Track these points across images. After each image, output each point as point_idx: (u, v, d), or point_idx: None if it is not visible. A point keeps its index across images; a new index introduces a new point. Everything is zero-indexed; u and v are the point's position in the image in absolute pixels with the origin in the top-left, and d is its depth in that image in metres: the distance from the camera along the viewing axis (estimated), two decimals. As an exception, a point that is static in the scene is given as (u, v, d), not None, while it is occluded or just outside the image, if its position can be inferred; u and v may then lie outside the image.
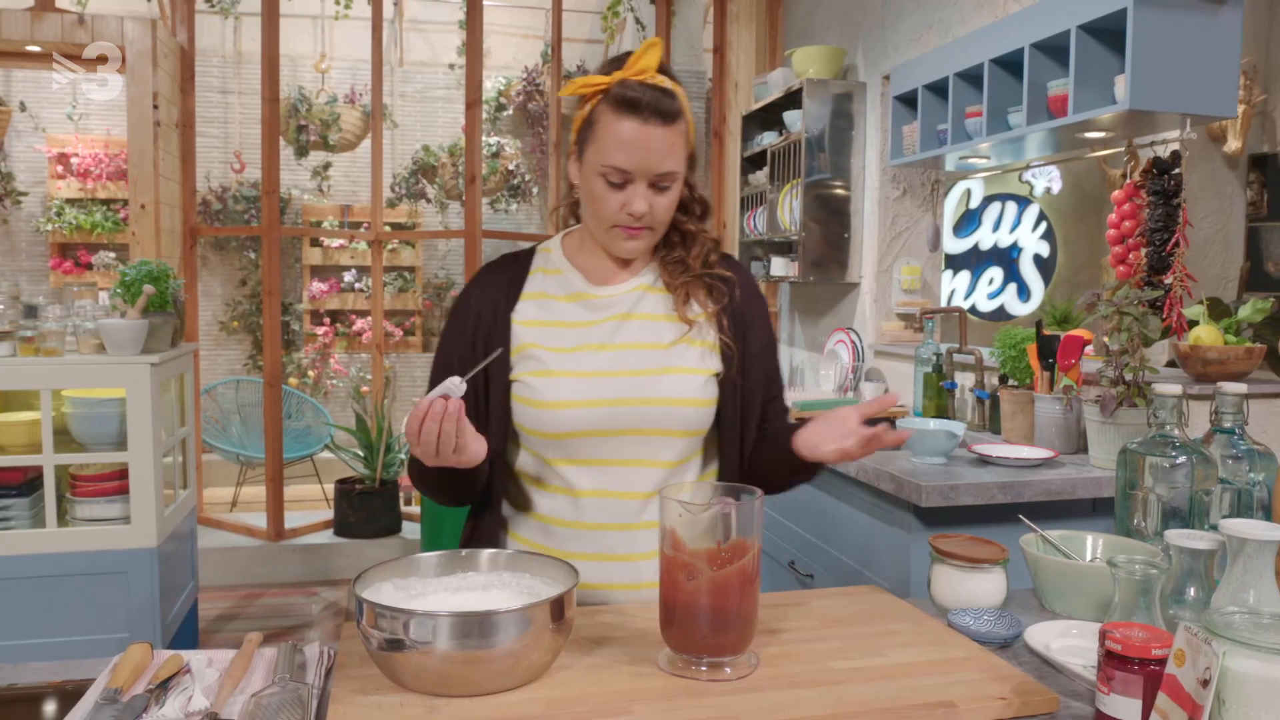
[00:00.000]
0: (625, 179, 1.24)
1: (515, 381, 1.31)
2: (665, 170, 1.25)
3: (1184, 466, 1.35)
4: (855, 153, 3.71)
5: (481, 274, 1.41)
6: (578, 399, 1.27)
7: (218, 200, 6.68)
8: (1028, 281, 4.83)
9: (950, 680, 1.01)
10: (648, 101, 1.22)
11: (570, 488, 1.30)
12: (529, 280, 1.37)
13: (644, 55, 1.25)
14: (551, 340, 1.31)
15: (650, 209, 1.26)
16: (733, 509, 1.03)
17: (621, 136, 1.23)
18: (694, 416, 1.30)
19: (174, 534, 2.99)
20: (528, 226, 7.27)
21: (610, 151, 1.24)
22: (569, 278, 1.36)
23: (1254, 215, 4.64)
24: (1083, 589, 1.24)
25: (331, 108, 6.48)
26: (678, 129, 1.25)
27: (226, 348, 6.83)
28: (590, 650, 1.08)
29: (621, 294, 1.34)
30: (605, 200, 1.27)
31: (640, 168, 1.24)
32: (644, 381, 1.28)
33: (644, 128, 1.22)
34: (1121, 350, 2.14)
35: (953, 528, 2.13)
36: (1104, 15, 2.29)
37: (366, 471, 4.48)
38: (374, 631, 0.97)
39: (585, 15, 6.83)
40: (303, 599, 4.00)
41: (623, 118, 1.23)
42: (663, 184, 1.26)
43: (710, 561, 1.01)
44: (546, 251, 1.41)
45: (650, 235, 1.31)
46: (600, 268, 1.36)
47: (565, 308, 1.34)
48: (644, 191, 1.26)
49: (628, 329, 1.32)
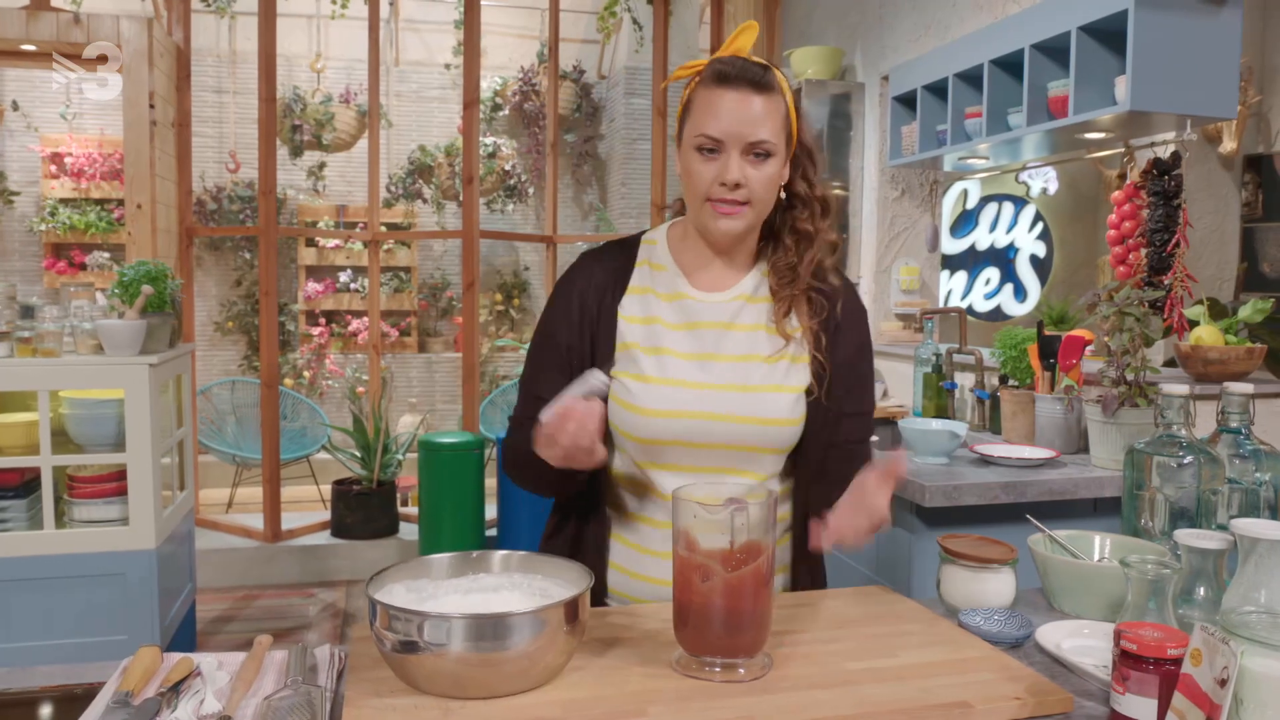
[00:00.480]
0: (718, 145, 1.23)
1: (614, 380, 1.29)
2: (759, 138, 1.22)
3: (1191, 466, 1.35)
4: (854, 153, 3.72)
5: (587, 260, 1.38)
6: (670, 409, 1.25)
7: (213, 200, 6.66)
8: (1024, 282, 4.84)
9: (964, 680, 1.01)
10: (737, 71, 1.22)
11: (660, 491, 1.29)
12: (635, 273, 1.35)
13: (738, 37, 1.26)
14: (651, 341, 1.29)
15: (746, 180, 1.22)
16: (745, 509, 1.03)
17: (714, 105, 1.23)
18: (784, 435, 1.28)
19: (172, 535, 2.98)
20: (523, 227, 7.27)
21: (703, 121, 1.23)
22: (673, 276, 1.33)
23: (1249, 216, 4.66)
24: (1092, 589, 1.25)
25: (326, 107, 6.47)
26: (772, 100, 1.23)
27: (221, 348, 6.81)
28: (602, 651, 1.07)
29: (723, 302, 1.31)
30: (699, 174, 1.24)
31: (731, 132, 1.21)
32: (737, 398, 1.26)
33: (735, 93, 1.22)
34: (1123, 350, 2.14)
35: (955, 528, 2.14)
36: (1105, 16, 2.31)
37: (364, 472, 4.47)
38: (388, 634, 0.97)
39: (581, 15, 6.83)
40: (300, 600, 3.99)
41: (714, 89, 1.23)
42: (757, 152, 1.22)
43: (724, 563, 1.01)
44: (651, 243, 1.37)
45: (749, 213, 1.25)
46: (704, 266, 1.33)
47: (666, 309, 1.32)
48: (737, 160, 1.22)
49: (725, 340, 1.30)
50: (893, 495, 1.16)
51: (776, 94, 1.23)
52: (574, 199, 7.37)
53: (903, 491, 2.13)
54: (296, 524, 4.38)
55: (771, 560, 1.04)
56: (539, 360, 1.35)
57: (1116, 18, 2.28)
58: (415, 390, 6.96)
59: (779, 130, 1.23)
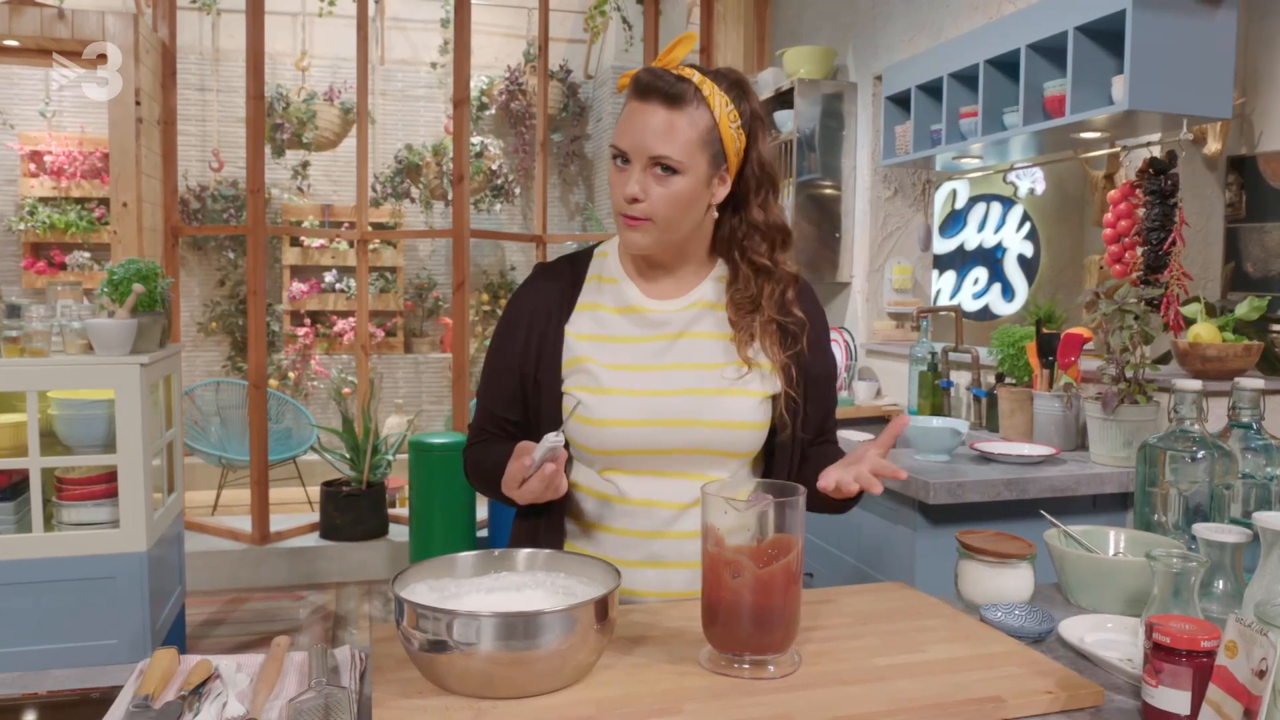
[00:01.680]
0: (625, 157, 1.21)
1: (566, 394, 1.28)
2: (659, 153, 1.18)
3: (1205, 461, 1.36)
4: (846, 153, 3.73)
5: (537, 278, 1.37)
6: (629, 418, 1.24)
7: (196, 200, 6.60)
8: (1012, 281, 4.87)
9: (994, 675, 1.01)
10: (649, 82, 1.20)
11: (624, 497, 1.28)
12: (584, 289, 1.34)
13: (673, 49, 1.23)
14: (604, 355, 1.28)
15: (646, 196, 1.20)
16: (771, 505, 1.02)
17: (626, 115, 1.22)
18: (746, 439, 1.27)
19: (162, 538, 2.94)
20: (510, 227, 7.24)
21: (616, 131, 1.23)
22: (624, 288, 1.32)
23: (1233, 217, 4.72)
24: (1111, 583, 1.25)
25: (309, 105, 6.41)
26: (684, 115, 1.19)
27: (204, 349, 6.75)
28: (629, 650, 1.06)
29: (677, 310, 1.30)
30: (612, 184, 1.24)
31: (634, 147, 1.20)
32: (697, 402, 1.25)
33: (643, 106, 1.20)
34: (1123, 348, 2.16)
35: (959, 525, 2.14)
36: (1102, 17, 2.32)
37: (353, 473, 4.43)
38: (416, 633, 0.95)
39: (568, 15, 6.82)
40: (290, 603, 3.95)
41: (631, 100, 1.22)
42: (662, 167, 1.19)
43: (755, 558, 1.01)
44: (603, 256, 1.36)
45: (653, 229, 1.22)
46: (656, 274, 1.32)
47: (618, 321, 1.30)
48: (639, 175, 1.20)
49: (681, 347, 1.28)
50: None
51: (694, 108, 1.19)
52: (560, 199, 7.35)
53: (906, 488, 2.13)
54: (285, 526, 4.34)
55: (801, 556, 1.04)
56: (490, 375, 1.36)
57: (1113, 18, 2.29)
58: (401, 391, 6.92)
59: (692, 147, 1.19)
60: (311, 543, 4.26)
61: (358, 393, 4.64)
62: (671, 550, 1.26)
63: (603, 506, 1.29)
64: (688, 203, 1.22)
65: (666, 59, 1.24)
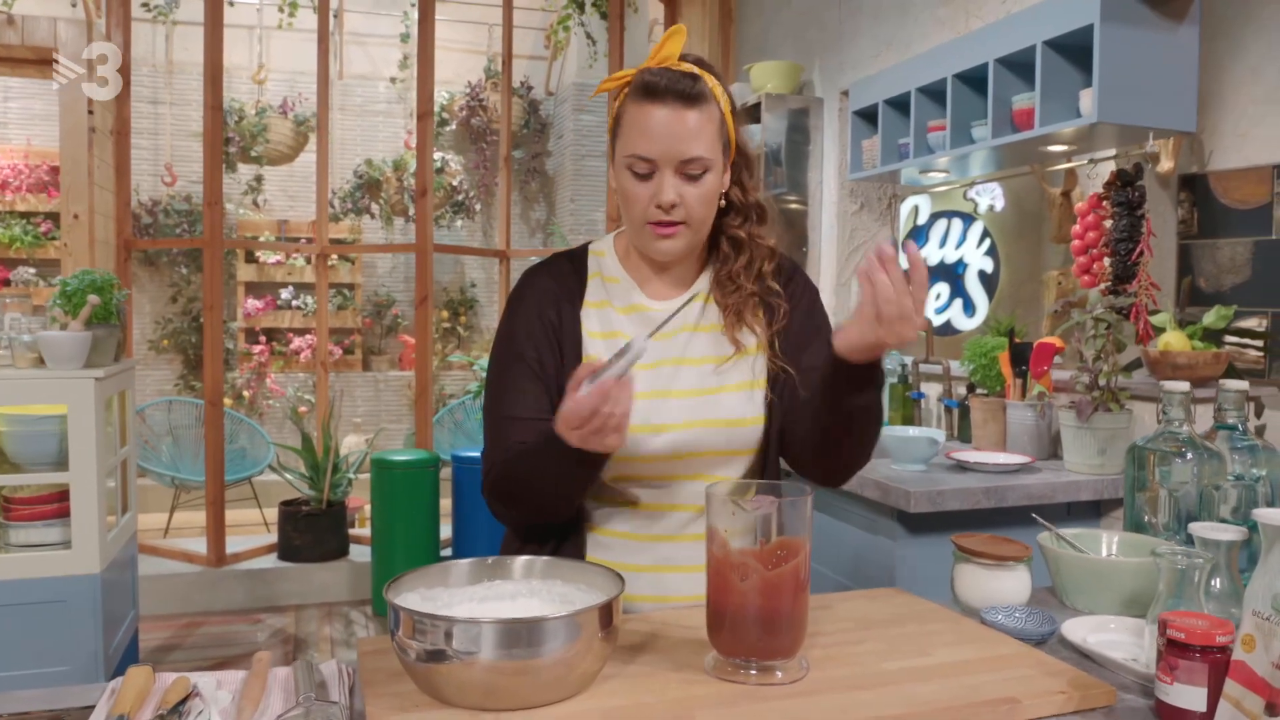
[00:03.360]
0: (650, 168, 1.18)
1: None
2: (692, 155, 1.17)
3: (1194, 462, 1.36)
4: (813, 167, 3.75)
5: (536, 274, 1.32)
6: (637, 423, 1.18)
7: (148, 214, 6.44)
8: (973, 297, 4.92)
9: (1005, 677, 0.99)
10: (666, 84, 1.16)
11: (632, 501, 1.25)
12: (590, 285, 1.30)
13: (666, 43, 1.20)
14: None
15: (682, 200, 1.18)
16: (777, 506, 1.00)
17: (642, 123, 1.18)
18: (748, 436, 1.25)
19: (115, 560, 2.83)
20: (470, 243, 7.18)
21: (634, 140, 1.18)
22: (627, 289, 1.29)
23: (1185, 233, 4.84)
24: (1109, 585, 1.24)
25: (261, 119, 6.31)
26: (704, 113, 1.17)
27: (155, 367, 6.57)
28: (631, 658, 1.03)
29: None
30: (634, 196, 1.20)
31: (664, 153, 1.17)
32: (700, 402, 1.23)
33: (664, 110, 1.16)
34: (1096, 356, 2.18)
35: (939, 534, 2.14)
36: (1069, 31, 2.35)
37: (312, 493, 4.32)
38: (412, 642, 0.91)
39: (529, 32, 6.80)
40: (247, 626, 3.83)
41: (643, 104, 1.18)
42: (691, 171, 1.18)
43: (762, 561, 0.98)
44: (599, 255, 1.33)
45: (687, 233, 1.21)
46: (655, 275, 1.29)
47: (623, 322, 1.27)
48: (672, 180, 1.17)
49: (691, 344, 1.26)
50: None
51: (709, 103, 1.18)
52: (522, 215, 7.31)
53: (886, 497, 2.12)
54: (241, 547, 4.21)
55: (808, 559, 1.01)
56: (506, 380, 1.26)
57: (1081, 32, 2.33)
58: (360, 410, 6.79)
59: (714, 142, 1.19)
60: (269, 564, 4.14)
61: (317, 410, 4.54)
62: (683, 554, 1.23)
63: (610, 512, 1.26)
64: (714, 198, 1.22)
65: (660, 56, 1.20)
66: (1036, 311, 4.57)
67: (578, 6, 5.17)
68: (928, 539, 2.16)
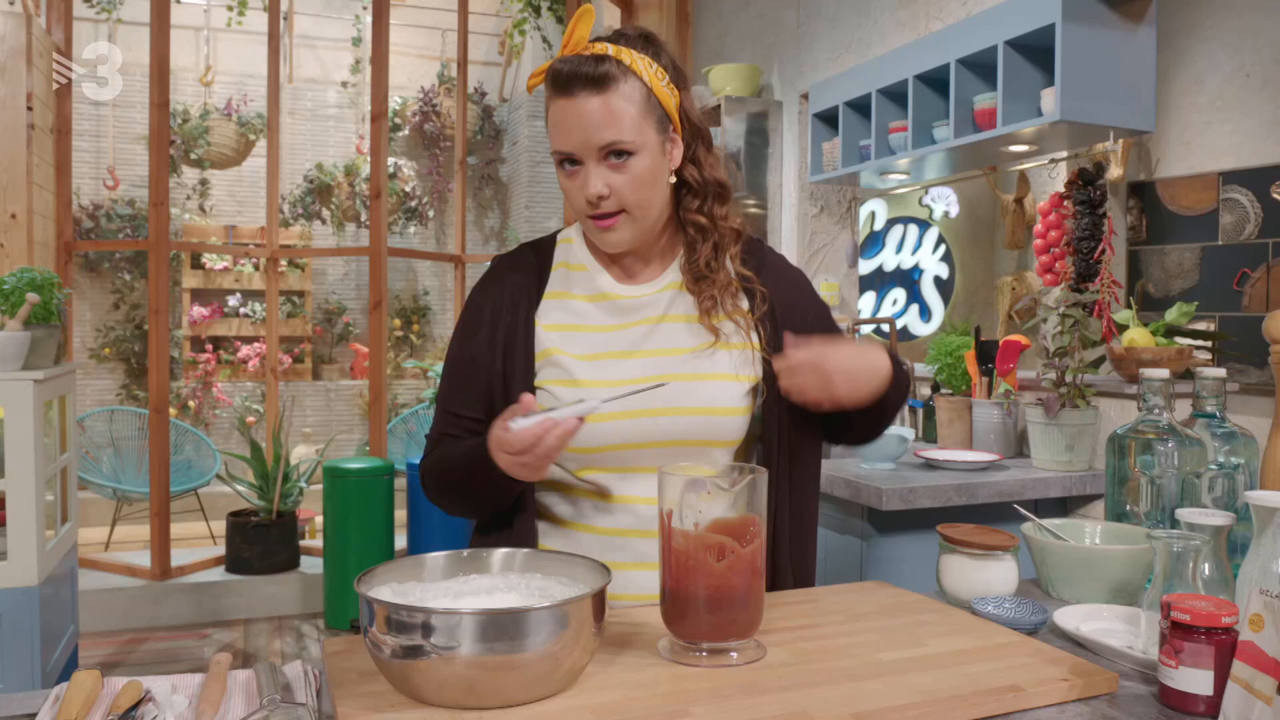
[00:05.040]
0: (575, 158, 1.14)
1: (540, 390, 1.19)
2: (607, 140, 1.11)
3: (1175, 450, 1.35)
4: (772, 169, 3.74)
5: (500, 268, 1.28)
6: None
7: (89, 218, 6.24)
8: (929, 302, 4.97)
9: (1005, 665, 0.96)
10: (569, 72, 1.11)
11: (599, 493, 1.20)
12: (551, 277, 1.26)
13: (575, 29, 1.14)
14: (575, 346, 1.20)
15: (611, 189, 1.13)
16: (751, 480, 0.97)
17: (556, 117, 1.14)
18: (731, 426, 1.20)
19: (54, 573, 2.70)
20: (423, 249, 7.07)
21: (554, 136, 1.14)
22: (594, 275, 1.24)
23: (1134, 239, 4.94)
24: (1096, 574, 1.22)
25: (204, 121, 6.16)
26: (618, 93, 1.11)
27: (96, 376, 6.35)
28: (617, 653, 0.98)
29: (652, 294, 1.23)
30: (569, 191, 1.16)
31: (580, 145, 1.12)
32: (677, 389, 1.17)
33: (573, 101, 1.11)
34: (1063, 352, 2.19)
35: (908, 533, 2.12)
36: (1030, 31, 2.37)
37: (262, 503, 4.20)
38: (387, 638, 0.85)
39: (483, 38, 6.75)
40: (193, 642, 3.69)
41: (555, 98, 1.13)
42: (616, 153, 1.12)
43: (738, 539, 0.95)
44: (568, 242, 1.28)
45: (628, 221, 1.16)
46: (625, 260, 1.25)
47: (589, 310, 1.22)
48: (597, 170, 1.12)
49: (659, 333, 1.21)
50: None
51: (624, 81, 1.12)
52: (475, 222, 7.23)
53: (857, 495, 2.10)
54: (187, 560, 4.07)
55: (763, 535, 0.97)
56: (454, 377, 1.25)
57: (1042, 32, 2.34)
58: (310, 419, 6.63)
59: (638, 121, 1.12)
60: (216, 577, 4.00)
61: (267, 418, 4.41)
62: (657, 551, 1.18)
63: (581, 505, 1.21)
64: (652, 180, 1.16)
65: (571, 43, 1.15)
66: (991, 317, 4.63)
67: (533, 10, 5.13)
68: (897, 538, 2.14)
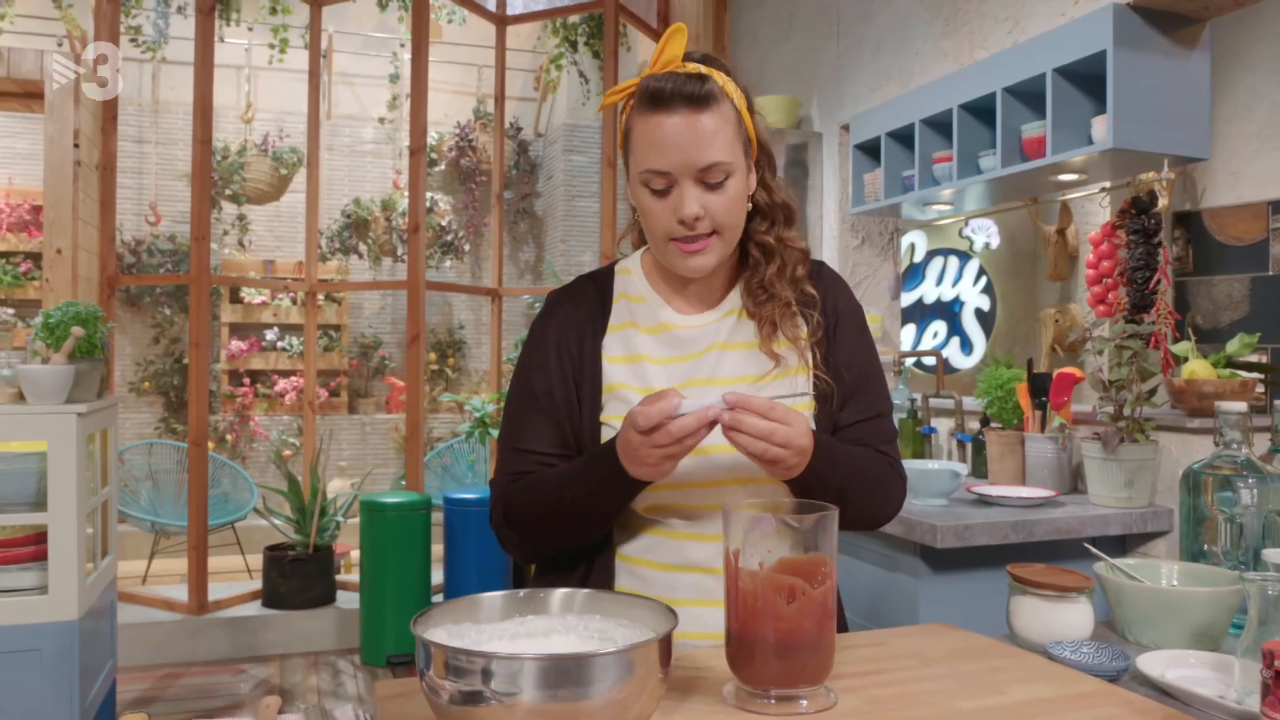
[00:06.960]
0: (667, 182, 1.10)
1: (604, 425, 1.17)
2: (709, 161, 1.09)
3: (1255, 487, 1.29)
4: (813, 202, 3.72)
5: (560, 300, 1.26)
6: None
7: (131, 254, 6.34)
8: (969, 335, 4.90)
9: (1092, 716, 0.91)
10: (672, 90, 1.09)
11: (669, 531, 1.16)
12: (615, 309, 1.23)
13: (667, 45, 1.12)
14: (637, 381, 1.17)
15: (706, 211, 1.10)
16: (818, 519, 0.93)
17: (652, 135, 1.10)
18: None
19: (94, 606, 2.69)
20: (459, 283, 7.10)
21: (646, 154, 1.11)
22: (654, 307, 1.22)
23: (1180, 270, 4.84)
24: (1177, 616, 1.16)
25: (241, 157, 6.25)
26: (718, 114, 1.10)
27: (136, 410, 6.41)
28: (682, 698, 0.94)
29: (712, 323, 1.20)
30: (655, 213, 1.12)
31: (679, 164, 1.09)
32: None
33: (674, 118, 1.08)
34: (1121, 385, 2.12)
35: (964, 571, 2.06)
36: (1081, 59, 2.33)
37: (299, 537, 4.19)
38: (445, 682, 0.81)
39: (518, 74, 6.82)
40: (229, 677, 3.67)
41: (651, 114, 1.10)
42: (712, 179, 1.10)
43: (809, 580, 0.90)
44: (626, 273, 1.26)
45: (718, 244, 1.13)
46: (684, 289, 1.22)
47: (650, 343, 1.20)
48: (692, 191, 1.09)
49: (721, 363, 1.18)
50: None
51: (722, 102, 1.11)
52: (511, 256, 7.26)
53: (910, 533, 2.04)
54: (224, 594, 4.06)
55: (834, 577, 0.93)
56: (524, 412, 1.21)
57: (1092, 59, 2.31)
58: (345, 453, 6.65)
59: (732, 143, 1.11)
60: (253, 612, 3.99)
61: (304, 452, 4.42)
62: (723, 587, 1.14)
63: (646, 541, 1.17)
64: (742, 202, 1.14)
65: (662, 60, 1.12)
66: (1034, 349, 4.54)
67: (570, 45, 5.17)
68: (951, 577, 2.07)
